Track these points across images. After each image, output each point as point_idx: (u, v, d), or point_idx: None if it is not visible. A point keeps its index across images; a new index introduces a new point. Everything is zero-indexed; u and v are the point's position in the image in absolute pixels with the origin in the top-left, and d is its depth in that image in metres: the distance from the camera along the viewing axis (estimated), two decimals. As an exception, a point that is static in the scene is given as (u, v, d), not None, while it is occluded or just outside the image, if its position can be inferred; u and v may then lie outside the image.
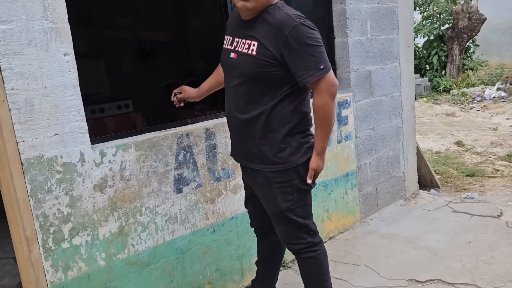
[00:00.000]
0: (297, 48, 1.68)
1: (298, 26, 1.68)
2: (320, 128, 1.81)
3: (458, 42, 10.89)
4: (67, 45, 1.88)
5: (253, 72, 1.76)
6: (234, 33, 1.88)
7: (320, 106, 1.76)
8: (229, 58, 1.87)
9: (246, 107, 1.84)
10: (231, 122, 1.96)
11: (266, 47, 1.71)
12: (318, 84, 1.73)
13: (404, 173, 3.87)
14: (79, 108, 1.94)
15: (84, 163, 1.97)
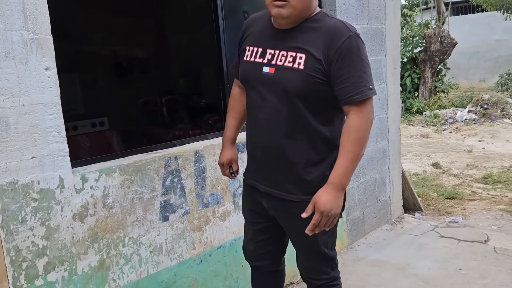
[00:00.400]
0: (349, 61, 1.45)
1: (354, 37, 1.48)
2: (347, 155, 1.48)
3: (430, 65, 11.17)
4: (49, 59, 1.71)
5: (301, 88, 1.51)
6: (266, 43, 1.61)
7: (357, 129, 1.48)
8: (260, 73, 1.59)
9: (288, 130, 1.57)
10: (261, 146, 1.66)
11: (316, 59, 1.48)
12: (363, 105, 1.48)
13: (390, 197, 3.81)
14: (60, 128, 1.76)
15: (64, 189, 1.78)
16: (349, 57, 1.46)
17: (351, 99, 1.48)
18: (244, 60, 1.67)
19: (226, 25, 2.55)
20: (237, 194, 2.49)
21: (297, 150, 1.58)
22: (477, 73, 15.71)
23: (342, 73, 1.47)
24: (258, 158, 1.70)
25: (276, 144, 1.60)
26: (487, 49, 15.43)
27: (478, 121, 9.16)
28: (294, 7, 1.47)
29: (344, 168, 1.49)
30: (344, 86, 1.47)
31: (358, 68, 1.47)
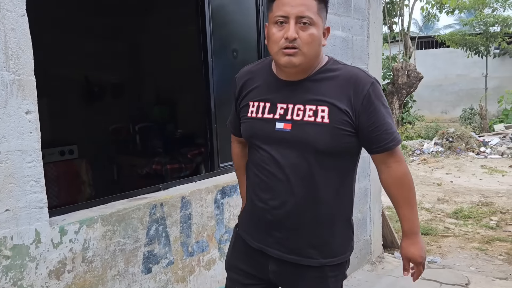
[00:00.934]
0: (378, 109, 1.39)
1: (375, 84, 1.41)
2: (409, 203, 1.48)
3: (397, 97, 11.49)
4: (30, 102, 1.56)
5: (328, 144, 1.39)
6: (274, 97, 1.47)
7: (405, 175, 1.47)
8: (273, 130, 1.44)
9: (312, 189, 1.44)
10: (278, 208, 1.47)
11: (341, 111, 1.38)
12: (398, 151, 1.46)
13: (370, 236, 3.76)
14: (39, 177, 1.60)
15: (40, 244, 1.60)
16: (376, 105, 1.40)
17: (386, 147, 1.43)
18: (248, 117, 1.52)
19: (215, 64, 2.47)
20: (222, 241, 2.36)
21: (321, 210, 1.46)
22: (440, 105, 16.32)
23: (373, 122, 1.40)
24: (271, 221, 1.50)
25: (298, 205, 1.45)
26: (449, 83, 16.10)
27: (444, 154, 9.42)
28: (305, 55, 1.37)
29: (413, 215, 1.50)
30: (376, 134, 1.41)
31: (386, 115, 1.42)
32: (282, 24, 1.36)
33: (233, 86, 1.63)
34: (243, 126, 1.56)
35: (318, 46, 1.40)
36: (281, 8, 1.36)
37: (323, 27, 1.42)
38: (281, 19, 1.36)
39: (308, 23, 1.35)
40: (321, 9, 1.39)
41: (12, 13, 1.49)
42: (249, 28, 2.70)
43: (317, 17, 1.37)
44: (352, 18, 3.38)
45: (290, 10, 1.34)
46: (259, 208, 1.53)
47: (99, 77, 5.13)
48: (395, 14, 12.54)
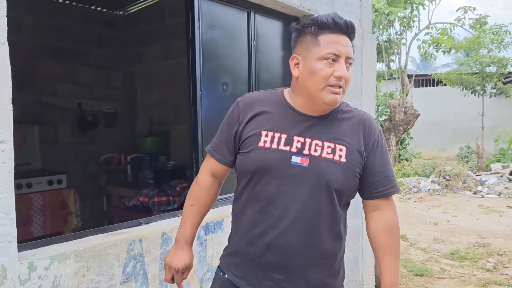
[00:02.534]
0: (383, 154, 1.45)
1: (380, 130, 1.51)
2: (395, 254, 1.45)
3: (394, 134, 11.51)
4: (5, 131, 1.51)
5: (342, 182, 1.38)
6: (291, 130, 1.42)
7: (396, 225, 1.47)
8: (289, 164, 1.38)
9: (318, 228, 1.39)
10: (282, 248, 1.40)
11: (357, 152, 1.41)
12: (391, 199, 1.49)
13: (362, 277, 3.64)
14: (10, 209, 1.52)
15: (5, 280, 1.52)
16: (381, 149, 1.45)
17: (386, 193, 1.45)
18: (260, 147, 1.42)
19: (204, 96, 2.44)
20: (204, 279, 2.26)
21: (326, 250, 1.43)
22: (437, 142, 16.36)
23: (377, 166, 1.43)
24: (273, 262, 1.42)
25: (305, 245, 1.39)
26: (446, 120, 16.20)
27: (441, 192, 9.34)
28: (344, 94, 1.42)
29: (395, 266, 1.45)
30: (377, 179, 1.43)
31: (388, 161, 1.47)
32: (332, 61, 1.35)
33: (233, 109, 1.53)
34: (251, 155, 1.43)
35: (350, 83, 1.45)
36: (333, 46, 1.35)
37: None
38: (333, 57, 1.35)
39: (350, 64, 1.39)
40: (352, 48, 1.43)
41: (-8, 41, 1.47)
42: (240, 62, 2.69)
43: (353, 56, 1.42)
44: (345, 55, 3.39)
45: (343, 50, 1.35)
46: (258, 248, 1.43)
47: (93, 107, 5.13)
48: (392, 52, 12.75)
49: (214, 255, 2.30)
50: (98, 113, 5.16)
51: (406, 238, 6.17)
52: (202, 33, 2.41)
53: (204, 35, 2.43)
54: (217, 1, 2.53)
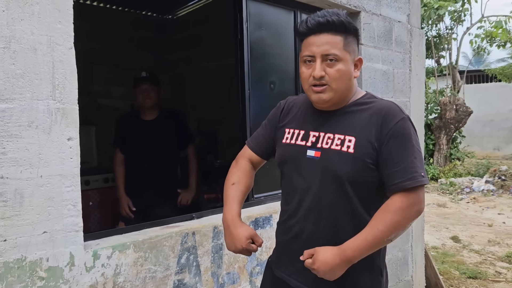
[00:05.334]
0: (401, 144, 1.34)
1: (407, 119, 1.38)
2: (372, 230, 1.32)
3: (445, 132, 11.11)
4: (72, 129, 1.64)
5: (351, 173, 1.38)
6: (308, 126, 1.51)
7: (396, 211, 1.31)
8: (305, 157, 1.47)
9: (332, 218, 1.43)
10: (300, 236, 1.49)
11: (368, 142, 1.37)
12: (413, 193, 1.33)
13: (412, 277, 3.58)
14: (76, 201, 1.65)
15: (73, 267, 1.64)
16: (401, 140, 1.35)
17: (401, 185, 1.34)
18: (283, 143, 1.56)
19: (252, 95, 2.50)
20: (254, 274, 2.32)
21: (341, 240, 1.38)
22: (491, 141, 15.62)
23: (393, 156, 1.35)
24: (294, 250, 1.48)
25: (319, 235, 1.44)
26: (501, 118, 15.44)
27: (496, 193, 8.92)
28: (335, 90, 1.41)
29: (363, 241, 1.33)
30: (393, 170, 1.35)
31: (410, 152, 1.35)
32: (310, 63, 1.43)
33: (276, 109, 1.68)
34: (277, 152, 1.60)
35: (348, 79, 1.43)
36: (308, 48, 1.42)
37: (354, 59, 1.44)
38: (309, 58, 1.42)
39: (335, 59, 1.39)
40: (349, 43, 1.41)
41: (61, 46, 1.60)
42: (287, 60, 2.74)
43: (343, 52, 1.39)
44: (393, 51, 3.35)
45: (316, 50, 1.40)
46: (284, 236, 1.55)
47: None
48: (442, 47, 12.32)
49: (263, 250, 2.36)
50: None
51: (458, 239, 5.97)
52: (250, 33, 2.47)
53: (252, 35, 2.49)
54: (264, 2, 2.59)
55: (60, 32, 1.60)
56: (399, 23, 3.42)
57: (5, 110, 1.47)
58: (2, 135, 1.46)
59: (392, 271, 3.36)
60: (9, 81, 1.47)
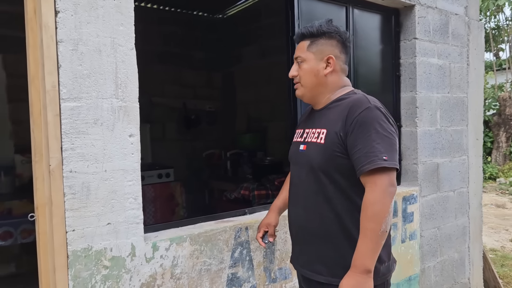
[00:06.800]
0: (364, 132, 1.42)
1: (372, 108, 1.45)
2: (364, 233, 1.37)
3: (505, 129, 10.53)
4: (133, 126, 1.72)
5: (322, 163, 1.51)
6: (305, 125, 1.72)
7: (371, 202, 1.37)
8: (298, 151, 1.66)
9: (314, 205, 1.55)
10: (294, 223, 1.67)
11: (335, 133, 1.49)
12: (376, 176, 1.38)
13: (469, 279, 3.44)
14: (137, 195, 1.74)
15: (134, 257, 1.73)
16: (364, 127, 1.43)
17: (362, 169, 1.41)
18: (292, 142, 1.76)
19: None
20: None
21: (325, 226, 1.52)
22: (557, 139, 14.59)
23: (356, 144, 1.43)
24: (293, 236, 1.70)
25: (306, 220, 1.59)
26: None
27: (561, 194, 8.35)
28: (304, 86, 1.63)
29: (364, 247, 1.37)
30: (357, 156, 1.43)
31: (372, 138, 1.41)
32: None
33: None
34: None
35: (314, 76, 1.60)
36: None
37: (322, 58, 1.59)
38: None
39: (301, 61, 1.63)
40: (314, 45, 1.60)
41: (123, 47, 1.68)
42: (339, 57, 2.71)
43: (306, 53, 1.61)
44: (450, 45, 3.23)
45: (294, 55, 1.66)
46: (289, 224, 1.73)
47: (196, 106, 5.48)
48: (501, 40, 11.67)
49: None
50: (201, 112, 5.50)
51: (520, 242, 5.65)
52: (301, 31, 2.47)
53: (303, 32, 2.49)
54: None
55: (122, 34, 1.68)
56: (456, 15, 3.28)
57: (74, 108, 1.56)
58: (71, 132, 1.56)
59: (447, 272, 3.25)
60: (77, 81, 1.57)
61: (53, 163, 1.53)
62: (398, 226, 2.84)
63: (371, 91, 2.90)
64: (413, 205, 2.95)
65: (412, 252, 2.95)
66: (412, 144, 3.02)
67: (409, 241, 2.93)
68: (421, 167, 3.02)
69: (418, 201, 2.99)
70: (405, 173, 3.07)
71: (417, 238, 2.99)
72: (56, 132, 1.54)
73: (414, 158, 3.01)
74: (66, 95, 1.55)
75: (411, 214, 2.94)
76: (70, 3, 1.55)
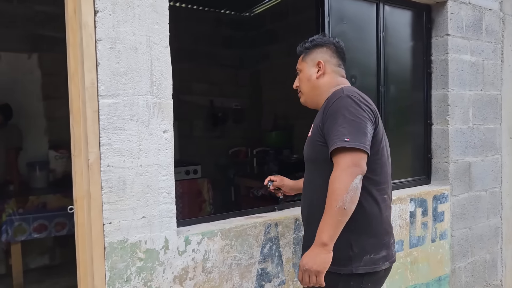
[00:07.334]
0: (334, 119, 1.52)
1: (343, 97, 1.55)
2: (326, 209, 1.45)
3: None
4: (167, 122, 1.76)
5: (309, 153, 1.70)
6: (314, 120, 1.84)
7: (332, 180, 1.45)
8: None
9: (310, 194, 1.70)
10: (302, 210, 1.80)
11: (316, 125, 1.64)
12: (337, 156, 1.47)
13: (501, 281, 3.36)
14: (171, 190, 1.78)
15: (168, 250, 1.77)
16: (334, 115, 1.53)
17: (329, 153, 1.51)
18: None
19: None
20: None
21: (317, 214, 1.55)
22: None
23: (328, 131, 1.54)
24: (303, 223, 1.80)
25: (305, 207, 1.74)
26: None
27: None
28: (304, 93, 1.79)
29: (322, 222, 1.46)
30: (328, 140, 1.54)
31: (339, 123, 1.50)
32: None
33: None
34: None
35: (308, 81, 1.76)
36: None
37: (313, 65, 1.74)
38: None
39: (298, 72, 1.82)
40: (307, 56, 1.77)
41: (158, 45, 1.73)
42: (368, 54, 2.69)
43: (302, 64, 1.79)
44: (483, 42, 3.16)
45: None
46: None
47: (223, 104, 5.54)
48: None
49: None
50: (227, 110, 5.55)
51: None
52: (331, 28, 2.47)
53: (333, 29, 2.49)
54: (346, -5, 2.57)
55: (157, 32, 1.73)
56: (490, 11, 3.21)
57: (111, 105, 1.61)
58: (109, 127, 1.61)
59: (479, 273, 3.19)
60: (114, 79, 1.62)
61: (92, 158, 1.59)
62: (429, 225, 2.81)
63: (402, 89, 2.90)
64: (443, 204, 2.91)
65: (442, 252, 2.91)
66: (443, 143, 2.97)
67: (439, 240, 2.88)
68: (453, 166, 2.97)
69: (449, 201, 2.94)
70: (435, 171, 3.03)
71: (448, 237, 2.94)
72: (95, 127, 1.59)
73: (445, 156, 2.96)
74: (104, 92, 1.60)
75: (442, 214, 2.90)
76: (108, 3, 1.60)
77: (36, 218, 3.62)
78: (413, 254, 2.72)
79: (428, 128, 3.03)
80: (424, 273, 2.80)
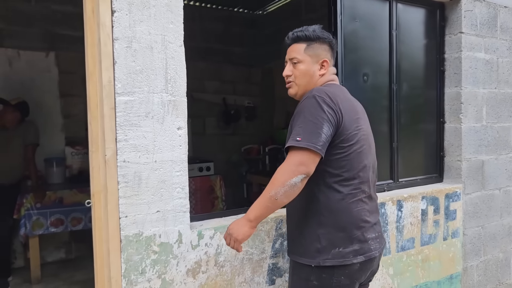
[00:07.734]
0: (296, 117, 1.57)
1: (309, 98, 1.57)
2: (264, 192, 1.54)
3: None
4: (181, 119, 1.80)
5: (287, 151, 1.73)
6: None
7: (277, 170, 1.53)
8: None
9: None
10: None
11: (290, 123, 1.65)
12: (289, 153, 1.53)
13: (514, 280, 3.35)
14: (184, 185, 1.82)
15: (181, 244, 1.81)
16: (298, 114, 1.57)
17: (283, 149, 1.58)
18: None
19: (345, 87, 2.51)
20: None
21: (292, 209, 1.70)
22: None
23: (290, 129, 1.60)
24: None
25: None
26: None
27: None
28: (298, 85, 1.74)
29: (256, 201, 1.56)
30: None
31: (298, 123, 1.54)
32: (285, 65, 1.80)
33: None
34: None
35: (310, 77, 1.72)
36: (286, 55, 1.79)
37: (317, 61, 1.72)
38: (285, 63, 1.79)
39: (296, 61, 1.73)
40: (311, 48, 1.72)
41: (173, 44, 1.77)
42: (381, 52, 2.70)
43: (303, 55, 1.72)
44: (498, 39, 3.14)
45: (287, 57, 1.78)
46: None
47: (235, 101, 5.58)
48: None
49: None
50: (240, 107, 5.59)
51: None
52: (344, 26, 2.49)
53: (346, 27, 2.50)
54: (358, -7, 2.58)
55: (172, 32, 1.77)
56: (505, 8, 3.18)
57: (127, 102, 1.66)
58: (125, 124, 1.66)
59: (491, 272, 3.18)
60: (130, 77, 1.67)
61: (109, 153, 1.64)
62: (440, 223, 2.81)
63: (414, 87, 2.90)
64: (456, 202, 2.90)
65: (454, 250, 2.91)
66: (456, 141, 2.97)
67: (451, 239, 2.88)
68: (465, 164, 2.96)
69: (461, 199, 2.93)
70: (448, 170, 3.02)
71: (460, 236, 2.94)
72: (111, 124, 1.64)
73: (458, 154, 2.96)
74: (120, 90, 1.65)
75: (454, 212, 2.89)
76: (125, 3, 1.65)
77: (53, 213, 3.71)
78: (425, 251, 2.72)
79: (441, 126, 3.03)
80: (435, 271, 2.80)
